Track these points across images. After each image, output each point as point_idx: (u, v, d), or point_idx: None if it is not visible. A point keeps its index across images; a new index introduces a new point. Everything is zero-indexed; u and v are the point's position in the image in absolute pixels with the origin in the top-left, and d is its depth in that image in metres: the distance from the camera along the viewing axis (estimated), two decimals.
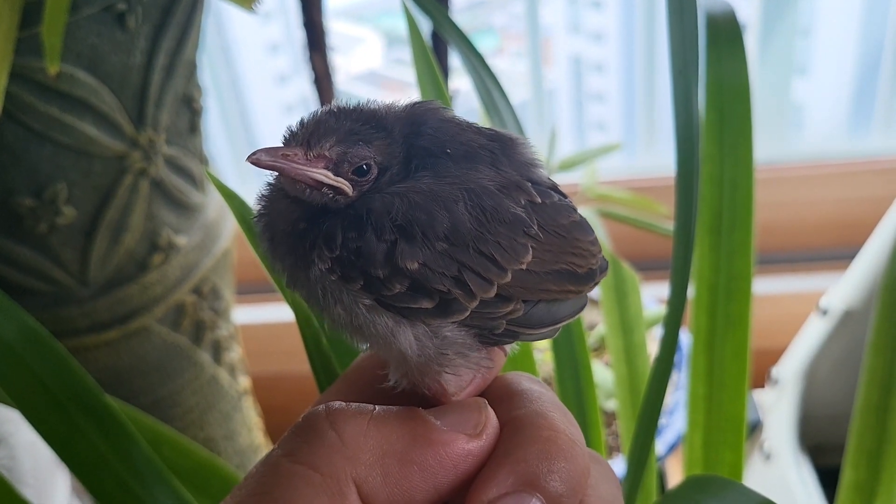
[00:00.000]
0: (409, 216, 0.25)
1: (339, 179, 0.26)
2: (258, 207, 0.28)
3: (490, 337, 0.27)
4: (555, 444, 0.25)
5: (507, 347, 0.28)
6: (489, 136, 0.28)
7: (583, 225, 0.28)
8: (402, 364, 0.26)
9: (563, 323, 0.28)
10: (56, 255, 0.61)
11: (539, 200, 0.27)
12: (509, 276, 0.26)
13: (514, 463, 0.24)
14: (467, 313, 0.25)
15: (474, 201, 0.25)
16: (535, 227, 0.26)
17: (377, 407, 0.26)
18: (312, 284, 0.26)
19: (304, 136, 0.26)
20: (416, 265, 0.25)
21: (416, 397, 0.28)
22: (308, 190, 0.26)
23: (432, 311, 0.25)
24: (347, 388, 0.29)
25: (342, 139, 0.26)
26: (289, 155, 0.26)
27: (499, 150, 0.27)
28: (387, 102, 0.28)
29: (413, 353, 0.26)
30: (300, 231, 0.26)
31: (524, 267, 0.26)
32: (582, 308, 0.29)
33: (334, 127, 0.26)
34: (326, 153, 0.26)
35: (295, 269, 0.26)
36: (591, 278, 0.28)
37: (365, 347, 0.27)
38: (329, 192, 0.26)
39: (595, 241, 0.28)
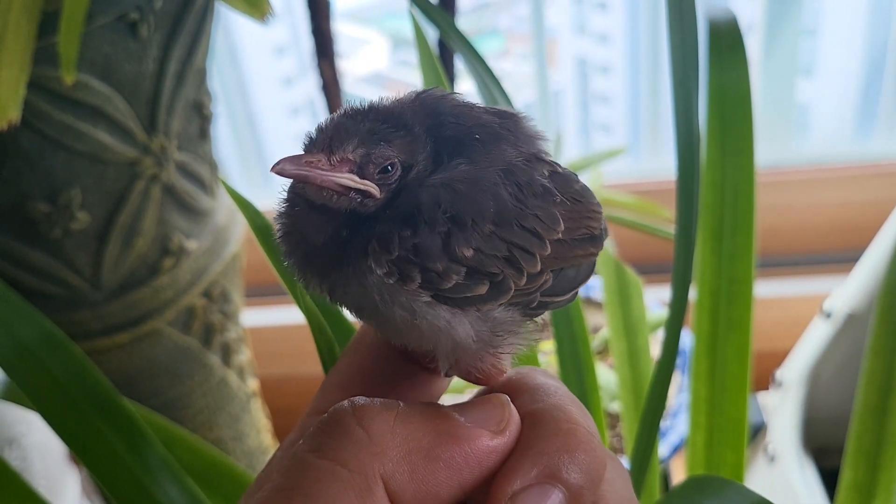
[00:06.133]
0: (458, 205, 0.25)
1: (366, 182, 0.25)
2: (279, 226, 0.27)
3: (527, 312, 0.27)
4: (574, 436, 0.25)
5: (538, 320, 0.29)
6: (497, 114, 0.28)
7: (588, 189, 0.29)
8: (456, 353, 0.26)
9: (580, 287, 0.29)
10: (70, 259, 0.62)
11: (559, 170, 0.28)
12: (549, 247, 0.26)
13: (537, 455, 0.25)
14: (512, 293, 0.26)
15: (511, 179, 0.26)
16: (560, 196, 0.27)
17: (402, 403, 0.26)
18: (367, 293, 0.25)
19: (325, 142, 0.25)
20: (471, 252, 0.25)
21: (419, 370, 0.29)
22: (335, 196, 0.25)
23: (484, 297, 0.25)
24: (355, 365, 0.30)
25: (364, 141, 0.25)
26: (312, 161, 0.25)
27: (511, 126, 0.28)
28: (393, 97, 0.28)
29: (471, 341, 0.26)
30: (343, 240, 0.25)
31: (560, 236, 0.27)
32: (593, 270, 0.29)
33: (354, 129, 0.26)
34: (349, 156, 0.25)
35: (344, 280, 0.25)
36: (603, 239, 0.29)
37: (419, 344, 0.27)
38: (357, 196, 0.25)
39: (599, 204, 0.29)
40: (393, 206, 0.25)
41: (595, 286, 0.97)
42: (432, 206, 0.25)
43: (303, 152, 0.26)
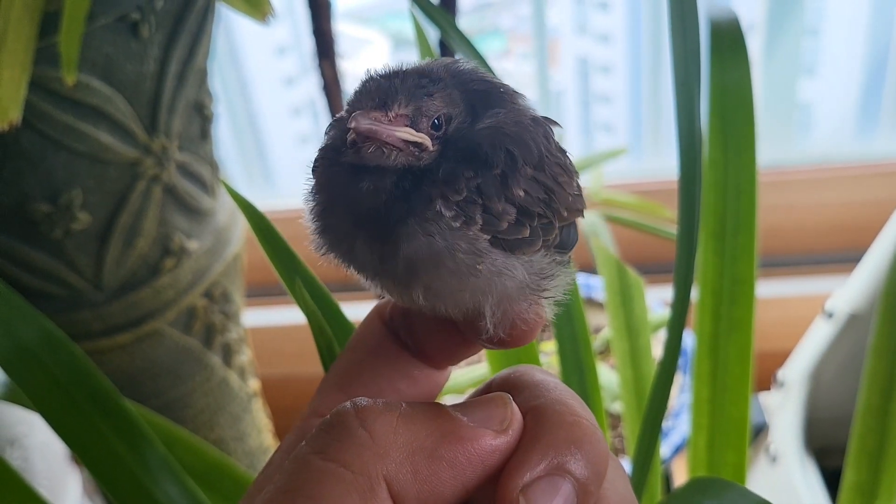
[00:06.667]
0: (511, 147, 0.26)
1: (422, 135, 0.26)
2: (314, 203, 0.27)
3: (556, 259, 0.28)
4: (580, 428, 0.25)
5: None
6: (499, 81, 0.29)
7: None
8: (504, 303, 0.26)
9: (573, 248, 0.29)
10: (71, 259, 0.62)
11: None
12: (570, 196, 0.27)
13: (544, 448, 0.25)
14: (541, 240, 0.26)
15: (541, 128, 0.27)
16: (567, 152, 0.28)
17: (404, 404, 0.26)
18: (432, 243, 0.25)
19: (378, 100, 0.26)
20: (522, 192, 0.26)
21: (419, 367, 0.29)
22: (395, 153, 0.25)
23: (528, 240, 0.26)
24: (354, 365, 0.30)
25: (411, 96, 0.26)
26: (377, 117, 0.25)
27: (515, 88, 0.29)
28: (413, 63, 0.28)
29: (521, 286, 0.26)
30: (404, 194, 0.25)
31: (575, 185, 0.28)
32: (577, 233, 0.30)
33: (399, 87, 0.26)
34: (402, 112, 0.26)
35: (408, 233, 0.25)
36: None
37: (466, 302, 0.27)
38: (414, 149, 0.26)
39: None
40: (446, 154, 0.26)
41: (596, 286, 0.97)
42: (491, 148, 0.26)
43: (355, 112, 0.25)
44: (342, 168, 0.26)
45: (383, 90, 0.26)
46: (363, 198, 0.26)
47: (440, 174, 0.25)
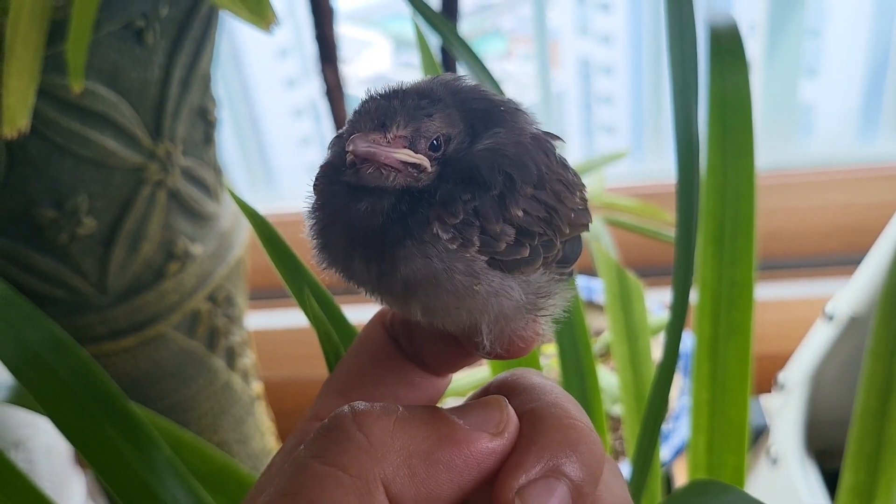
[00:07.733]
0: (510, 168, 0.26)
1: (420, 156, 0.26)
2: (314, 221, 0.27)
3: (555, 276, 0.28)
4: (575, 430, 0.26)
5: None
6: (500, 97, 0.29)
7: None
8: (501, 321, 0.27)
9: (576, 261, 0.29)
10: (76, 264, 0.62)
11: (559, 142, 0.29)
12: (571, 212, 0.27)
13: (540, 451, 0.25)
14: (541, 259, 0.27)
15: (541, 146, 0.27)
16: (571, 167, 0.28)
17: (401, 407, 0.26)
18: (430, 264, 0.25)
19: (377, 121, 0.26)
20: (521, 213, 0.26)
21: (420, 373, 0.29)
22: (393, 174, 0.26)
23: (527, 259, 0.26)
24: (355, 370, 0.30)
25: (411, 117, 0.26)
26: (376, 139, 0.25)
27: (517, 104, 0.29)
28: (413, 81, 0.28)
29: (517, 306, 0.26)
30: (401, 216, 0.26)
31: (578, 200, 0.28)
32: (581, 246, 0.30)
33: (399, 108, 0.26)
34: (401, 133, 0.26)
35: (405, 254, 0.25)
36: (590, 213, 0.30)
37: (463, 321, 0.27)
38: (413, 170, 0.26)
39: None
40: (445, 175, 0.26)
41: (597, 289, 0.98)
42: (489, 170, 0.26)
43: (353, 135, 0.26)
44: (342, 187, 0.26)
45: (382, 111, 0.26)
46: (360, 219, 0.26)
47: (437, 197, 0.25)
